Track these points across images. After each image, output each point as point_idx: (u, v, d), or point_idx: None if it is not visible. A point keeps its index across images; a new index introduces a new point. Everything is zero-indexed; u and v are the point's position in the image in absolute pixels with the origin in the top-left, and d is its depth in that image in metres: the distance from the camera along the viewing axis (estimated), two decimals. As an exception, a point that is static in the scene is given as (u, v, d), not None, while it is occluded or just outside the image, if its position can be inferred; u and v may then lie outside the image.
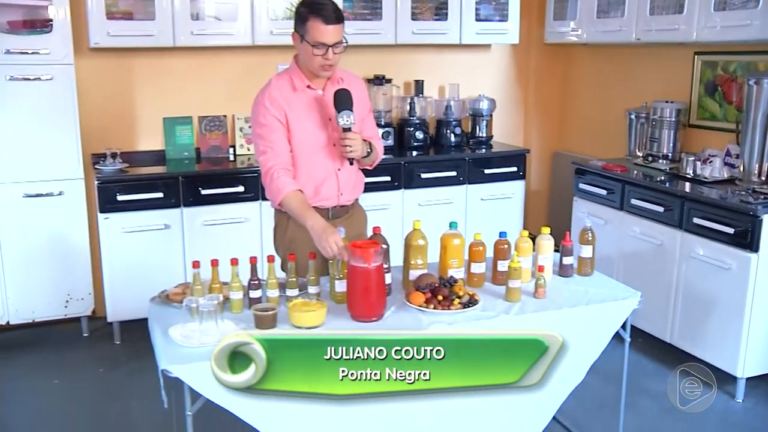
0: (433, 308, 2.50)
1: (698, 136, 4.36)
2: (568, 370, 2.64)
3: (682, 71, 4.44)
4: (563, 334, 2.57)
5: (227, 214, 4.21)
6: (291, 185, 2.75)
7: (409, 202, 4.63)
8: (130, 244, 4.08)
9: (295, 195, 2.74)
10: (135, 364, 3.96)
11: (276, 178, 2.75)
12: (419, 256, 2.70)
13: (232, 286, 2.49)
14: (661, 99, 4.45)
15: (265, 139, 2.78)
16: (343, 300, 2.53)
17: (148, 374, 3.67)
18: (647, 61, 4.73)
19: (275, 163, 2.76)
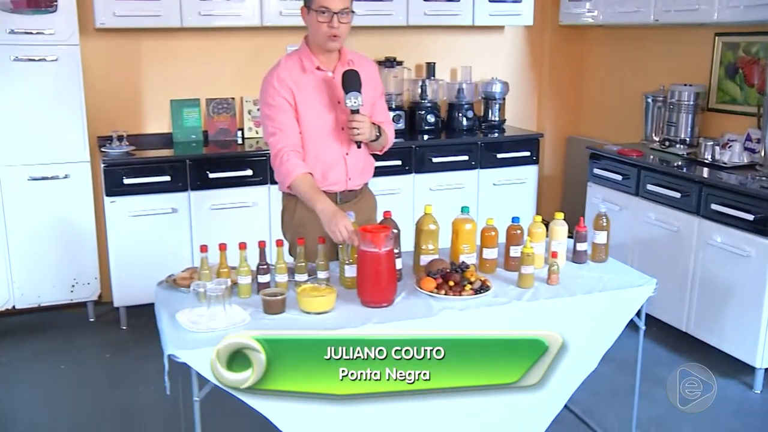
0: (444, 294, 2.50)
1: (717, 121, 4.33)
2: (580, 359, 2.65)
3: (702, 53, 4.40)
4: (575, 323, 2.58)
5: (235, 198, 4.22)
6: (301, 168, 2.75)
7: (420, 186, 4.62)
8: (137, 228, 4.10)
9: (305, 178, 2.74)
10: (141, 349, 3.99)
11: (286, 161, 2.75)
12: (430, 241, 2.70)
13: (241, 271, 2.50)
14: (679, 82, 4.42)
15: (274, 120, 2.78)
16: (353, 285, 2.54)
17: (155, 360, 3.68)
18: (665, 42, 4.69)
19: (285, 144, 2.75)
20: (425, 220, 2.70)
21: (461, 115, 5.06)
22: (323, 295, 2.39)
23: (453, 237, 2.75)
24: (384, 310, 2.43)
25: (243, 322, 2.29)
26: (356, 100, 2.73)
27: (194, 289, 2.36)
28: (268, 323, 2.32)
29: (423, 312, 2.43)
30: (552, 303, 2.56)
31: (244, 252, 2.50)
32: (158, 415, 3.33)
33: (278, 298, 2.38)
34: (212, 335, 2.22)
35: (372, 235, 2.40)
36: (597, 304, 2.63)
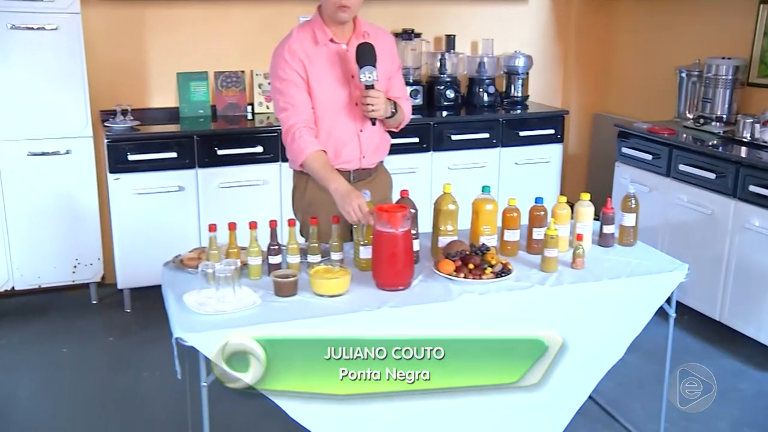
0: (463, 277, 2.51)
1: (758, 96, 4.29)
2: (606, 347, 2.66)
3: (743, 24, 4.35)
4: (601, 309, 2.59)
5: (245, 175, 4.25)
6: (314, 145, 2.75)
7: (438, 165, 4.62)
8: (142, 206, 4.13)
9: (318, 156, 2.75)
10: (146, 333, 4.03)
11: (298, 138, 2.75)
12: (449, 222, 2.71)
13: (251, 251, 2.52)
14: (717, 55, 4.38)
15: (285, 94, 2.78)
16: (368, 267, 2.56)
17: (160, 344, 3.73)
18: (702, 12, 4.65)
19: (297, 120, 2.76)
20: (444, 200, 2.71)
21: (482, 91, 5.05)
22: (337, 278, 2.41)
23: (473, 218, 2.76)
24: (400, 293, 2.45)
25: (253, 304, 2.32)
26: (371, 75, 2.73)
27: (202, 270, 2.37)
28: (279, 306, 2.35)
29: (441, 296, 2.44)
30: (576, 288, 2.57)
31: (254, 232, 2.52)
32: (163, 401, 3.37)
33: (290, 279, 2.40)
34: (221, 318, 2.25)
35: (388, 215, 2.42)
36: (624, 289, 2.64)
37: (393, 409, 2.43)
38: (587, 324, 2.60)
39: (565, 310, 2.56)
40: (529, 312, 2.51)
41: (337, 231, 2.61)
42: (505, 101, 5.14)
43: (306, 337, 2.27)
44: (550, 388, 2.60)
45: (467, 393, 2.51)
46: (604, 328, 2.65)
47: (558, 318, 2.55)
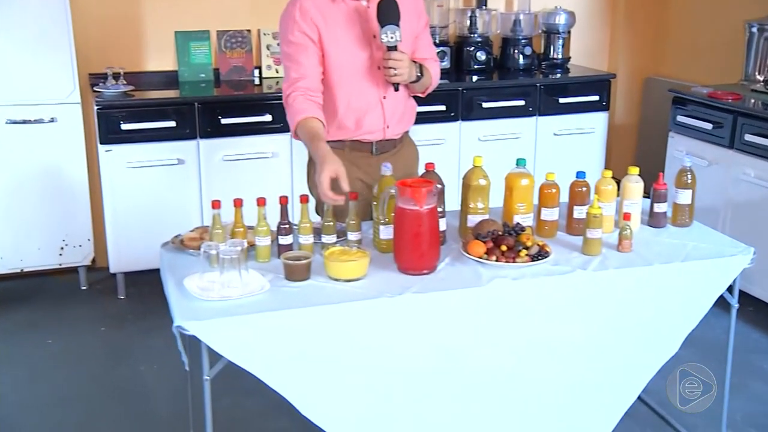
0: (495, 260, 2.52)
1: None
2: (657, 341, 2.67)
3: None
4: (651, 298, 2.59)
5: (252, 147, 4.27)
6: (305, 112, 2.74)
7: (467, 135, 4.63)
8: (137, 181, 4.17)
9: (307, 122, 2.73)
10: (143, 322, 4.07)
11: (292, 103, 2.76)
12: (480, 199, 2.72)
13: (259, 231, 2.54)
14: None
15: (293, 59, 2.79)
16: (389, 248, 2.58)
17: (158, 334, 3.78)
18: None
19: (296, 87, 2.76)
20: (474, 174, 2.72)
21: (517, 52, 5.04)
22: (354, 260, 2.43)
23: (506, 194, 2.78)
24: (424, 277, 2.46)
25: (261, 289, 2.34)
26: (393, 35, 2.74)
27: (205, 252, 2.40)
28: (290, 291, 2.37)
29: (470, 281, 2.46)
30: (623, 274, 2.57)
31: (262, 209, 2.54)
32: (162, 397, 3.41)
33: (302, 262, 2.42)
34: (226, 304, 2.28)
35: (412, 191, 2.42)
36: (678, 276, 2.64)
37: (416, 403, 2.47)
38: (635, 315, 2.61)
39: (609, 298, 2.57)
40: (568, 300, 2.53)
41: (354, 208, 2.63)
42: (543, 64, 5.12)
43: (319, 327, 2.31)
44: (594, 387, 2.62)
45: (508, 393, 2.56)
46: (654, 319, 2.65)
47: (601, 308, 2.57)
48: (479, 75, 4.90)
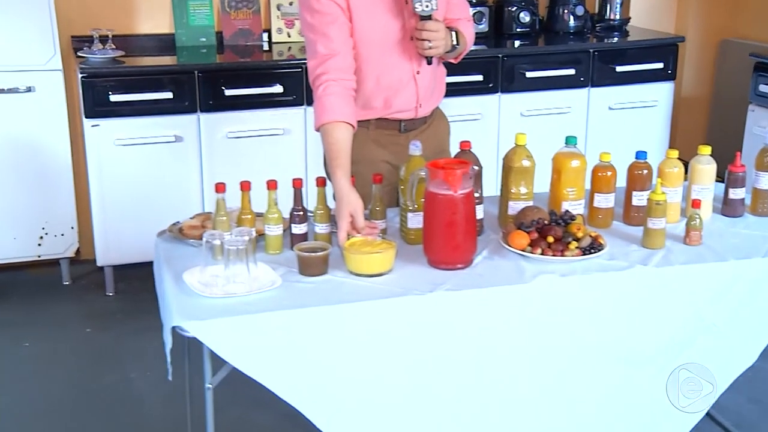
0: (540, 254, 2.52)
1: None
2: (731, 349, 2.65)
3: None
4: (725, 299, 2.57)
5: (261, 122, 4.30)
6: (336, 113, 2.71)
7: (508, 110, 4.63)
8: (128, 161, 4.20)
9: (334, 130, 2.71)
10: (134, 322, 4.11)
11: (322, 95, 2.74)
12: (523, 183, 2.73)
13: (269, 218, 2.56)
14: None
15: (319, 32, 2.75)
16: (418, 239, 2.58)
17: (151, 335, 3.76)
18: None
19: (328, 69, 2.74)
20: (516, 155, 2.72)
21: (567, 13, 5.03)
22: (378, 252, 2.44)
23: (554, 178, 2.78)
24: (459, 273, 2.47)
25: (272, 285, 2.36)
26: (429, 3, 2.73)
27: (207, 242, 2.41)
28: (304, 287, 2.38)
29: (511, 277, 2.46)
30: (691, 270, 2.56)
31: (273, 193, 2.56)
32: (156, 408, 3.45)
33: (318, 254, 2.44)
34: (231, 302, 2.29)
35: (445, 173, 2.43)
36: (758, 274, 2.61)
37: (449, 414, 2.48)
38: (705, 319, 2.60)
39: (674, 299, 2.56)
40: (625, 301, 2.52)
41: (378, 193, 2.65)
42: (597, 26, 5.11)
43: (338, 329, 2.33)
44: (655, 401, 2.62)
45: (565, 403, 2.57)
46: (728, 324, 2.63)
47: (664, 310, 2.56)
48: (522, 39, 4.90)
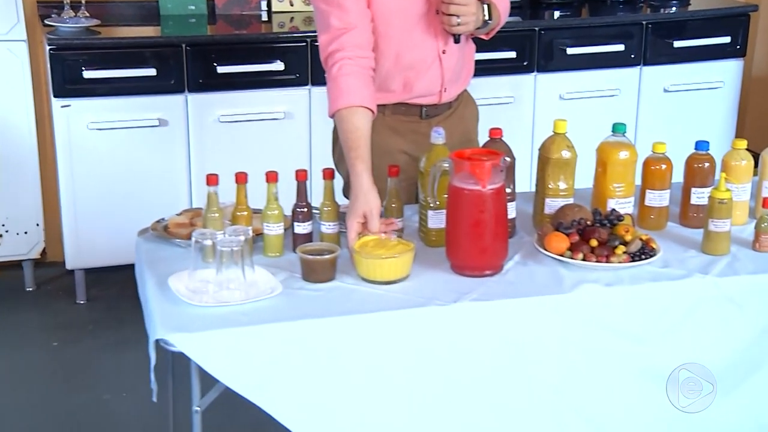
0: (581, 259, 2.52)
1: None
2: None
3: None
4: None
5: (258, 105, 4.32)
6: (352, 95, 2.73)
7: (546, 92, 4.65)
8: (104, 147, 4.22)
9: (353, 116, 2.72)
10: (109, 334, 4.13)
11: (337, 76, 2.74)
12: (562, 177, 2.75)
13: (269, 215, 2.58)
14: None
15: (331, 2, 2.76)
16: (440, 241, 2.60)
17: (130, 350, 3.80)
18: None
19: (342, 45, 2.74)
20: (555, 144, 2.74)
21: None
22: (394, 256, 2.45)
23: (598, 171, 2.80)
24: (487, 280, 2.49)
25: (271, 293, 2.37)
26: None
27: (197, 242, 2.43)
28: (309, 295, 2.40)
29: (548, 286, 2.48)
30: (761, 281, 2.56)
31: (273, 186, 2.58)
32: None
33: (325, 257, 2.46)
34: (224, 312, 2.31)
35: (472, 165, 2.44)
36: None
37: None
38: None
39: (740, 314, 2.56)
40: (682, 315, 2.53)
41: (394, 187, 2.67)
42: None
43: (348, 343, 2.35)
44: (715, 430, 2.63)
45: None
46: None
47: (728, 326, 2.56)
48: (563, 10, 4.91)
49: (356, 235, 2.53)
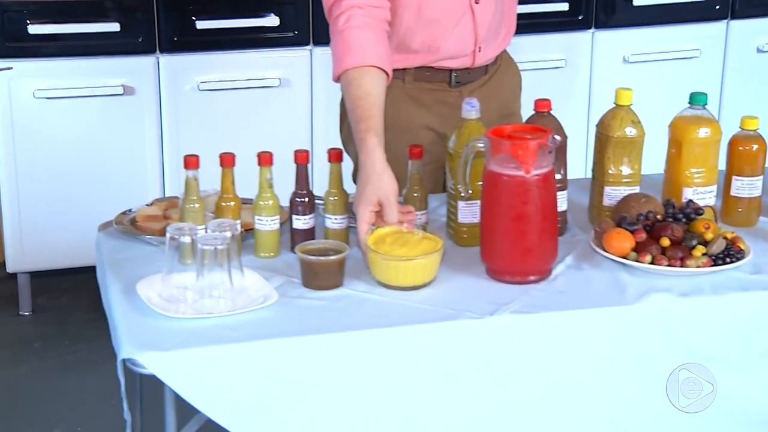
0: (650, 263, 2.53)
1: None
2: None
3: None
4: None
5: (248, 69, 4.37)
6: (366, 54, 2.74)
7: (606, 53, 4.67)
8: (54, 121, 4.27)
9: (363, 77, 2.73)
10: (60, 353, 4.16)
11: (344, 29, 2.76)
12: (626, 161, 2.77)
13: (261, 207, 2.61)
14: None
15: None
16: (474, 240, 2.63)
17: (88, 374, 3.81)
18: None
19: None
20: (617, 120, 2.76)
21: None
22: (417, 257, 2.47)
23: (671, 153, 2.83)
24: (532, 288, 2.50)
25: (264, 302, 2.39)
26: None
27: (172, 239, 2.44)
28: (310, 305, 2.42)
29: (607, 296, 2.49)
30: None
31: (267, 171, 2.61)
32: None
33: (331, 258, 2.47)
34: (206, 325, 2.32)
35: (513, 145, 2.45)
36: None
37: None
38: None
39: None
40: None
41: (417, 172, 2.69)
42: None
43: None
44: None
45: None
46: None
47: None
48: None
49: (368, 227, 2.54)
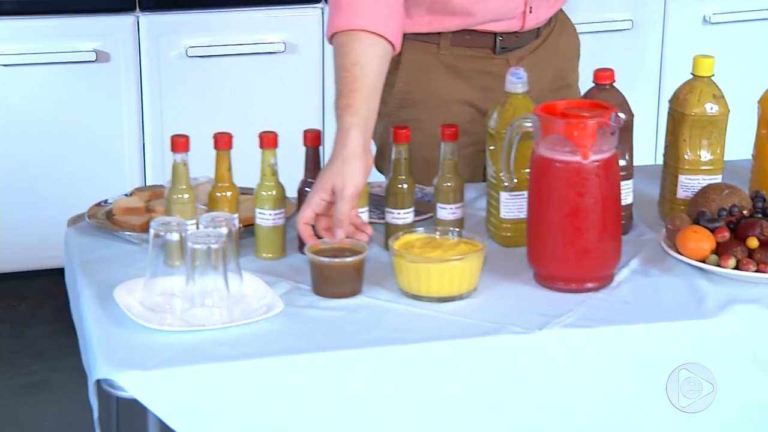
0: (734, 267, 2.53)
1: None
2: None
3: None
4: None
5: (246, 32, 4.41)
6: (361, 16, 2.74)
7: (681, 13, 4.66)
8: (16, 92, 4.32)
9: (353, 43, 2.73)
10: (23, 374, 4.17)
11: None
12: (705, 143, 2.78)
13: (264, 197, 2.63)
14: None
15: None
16: (520, 239, 2.65)
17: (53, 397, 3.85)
18: None
19: None
20: (695, 94, 2.77)
21: None
22: (453, 259, 2.48)
23: (761, 135, 2.85)
24: (590, 297, 2.52)
25: (267, 312, 2.41)
26: None
27: (157, 236, 2.47)
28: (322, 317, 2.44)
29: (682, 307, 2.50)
30: None
31: (270, 155, 2.63)
32: None
33: (347, 260, 2.49)
34: (197, 340, 2.34)
35: (568, 125, 2.47)
36: None
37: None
38: None
39: None
40: None
41: (451, 156, 2.70)
42: None
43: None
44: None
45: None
46: None
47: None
48: None
49: (312, 215, 2.56)
